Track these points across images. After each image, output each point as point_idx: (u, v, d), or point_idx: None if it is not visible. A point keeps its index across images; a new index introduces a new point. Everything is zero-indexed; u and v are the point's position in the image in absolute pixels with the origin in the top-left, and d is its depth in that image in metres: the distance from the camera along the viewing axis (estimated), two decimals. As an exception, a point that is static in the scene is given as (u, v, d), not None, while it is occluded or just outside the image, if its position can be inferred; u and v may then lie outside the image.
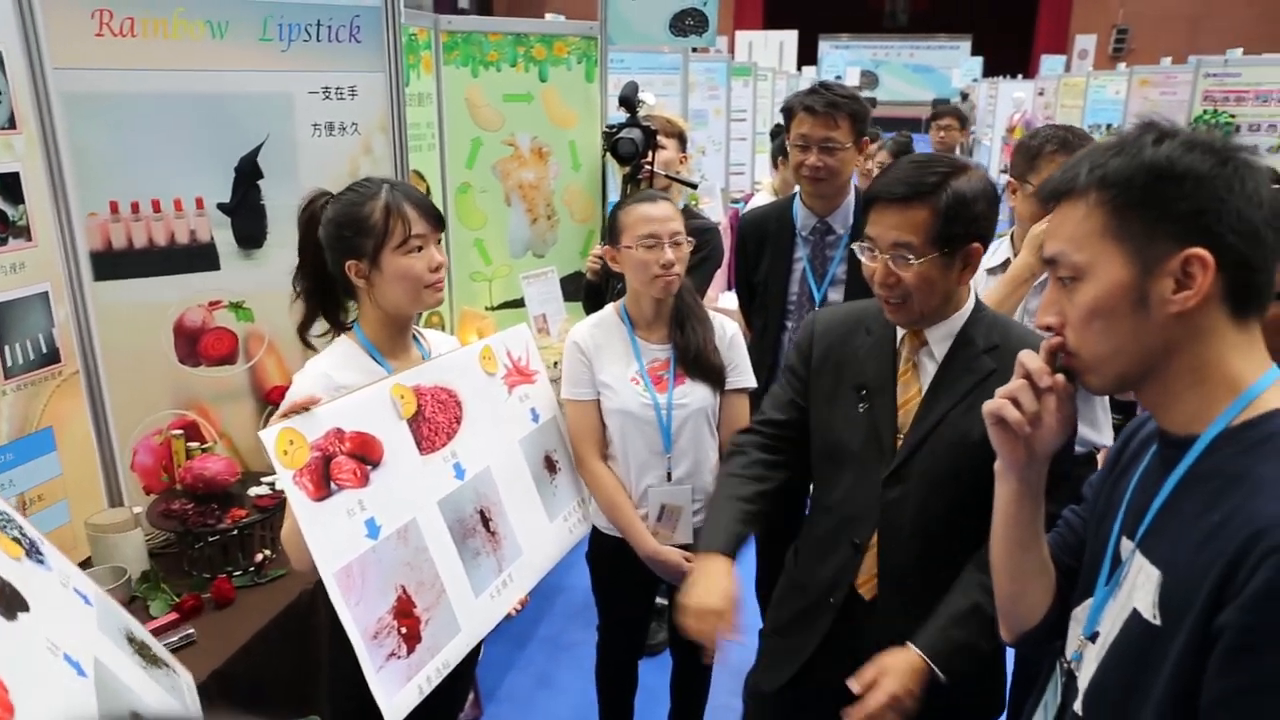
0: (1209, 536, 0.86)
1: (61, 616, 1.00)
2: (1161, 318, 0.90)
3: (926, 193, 1.42)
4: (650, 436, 1.99)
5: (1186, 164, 0.88)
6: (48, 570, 1.05)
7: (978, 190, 1.44)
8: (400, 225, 1.58)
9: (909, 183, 1.43)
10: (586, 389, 2.02)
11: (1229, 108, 5.85)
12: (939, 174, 1.43)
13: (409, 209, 1.59)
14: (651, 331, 2.01)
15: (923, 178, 1.43)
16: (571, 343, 2.04)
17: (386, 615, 1.48)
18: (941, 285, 1.46)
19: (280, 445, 1.36)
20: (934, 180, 1.42)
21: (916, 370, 1.55)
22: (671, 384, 1.98)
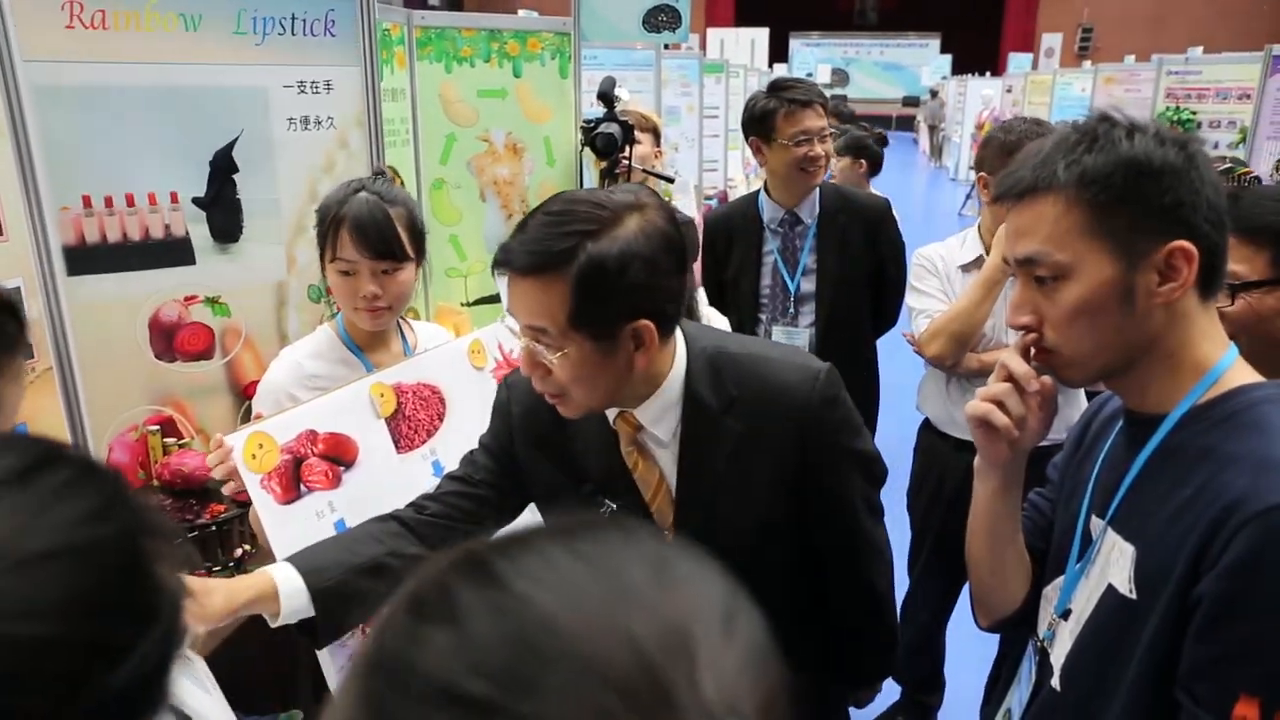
0: (1181, 510, 0.89)
1: None
2: (1145, 310, 0.92)
3: (554, 262, 1.05)
4: None
5: (1162, 158, 0.90)
6: None
7: (627, 252, 1.06)
8: (331, 243, 1.57)
9: (533, 251, 1.07)
10: None
11: (1190, 104, 5.97)
12: (574, 235, 1.06)
13: (345, 231, 1.55)
14: None
15: (551, 243, 1.06)
16: None
17: None
18: (608, 373, 1.13)
19: (249, 449, 1.36)
20: (567, 246, 1.05)
21: (648, 459, 1.25)
22: None
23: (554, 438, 1.29)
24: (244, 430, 1.38)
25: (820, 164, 2.35)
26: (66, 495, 0.52)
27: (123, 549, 0.53)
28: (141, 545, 0.54)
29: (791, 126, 2.33)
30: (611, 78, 2.86)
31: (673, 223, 1.13)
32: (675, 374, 1.22)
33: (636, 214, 1.09)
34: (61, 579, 0.49)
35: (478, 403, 1.80)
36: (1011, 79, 12.61)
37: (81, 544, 0.51)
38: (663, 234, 1.10)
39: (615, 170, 2.70)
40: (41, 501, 0.51)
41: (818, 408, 1.22)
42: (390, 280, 1.59)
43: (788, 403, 1.21)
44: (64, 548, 0.50)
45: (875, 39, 26.13)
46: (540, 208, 1.13)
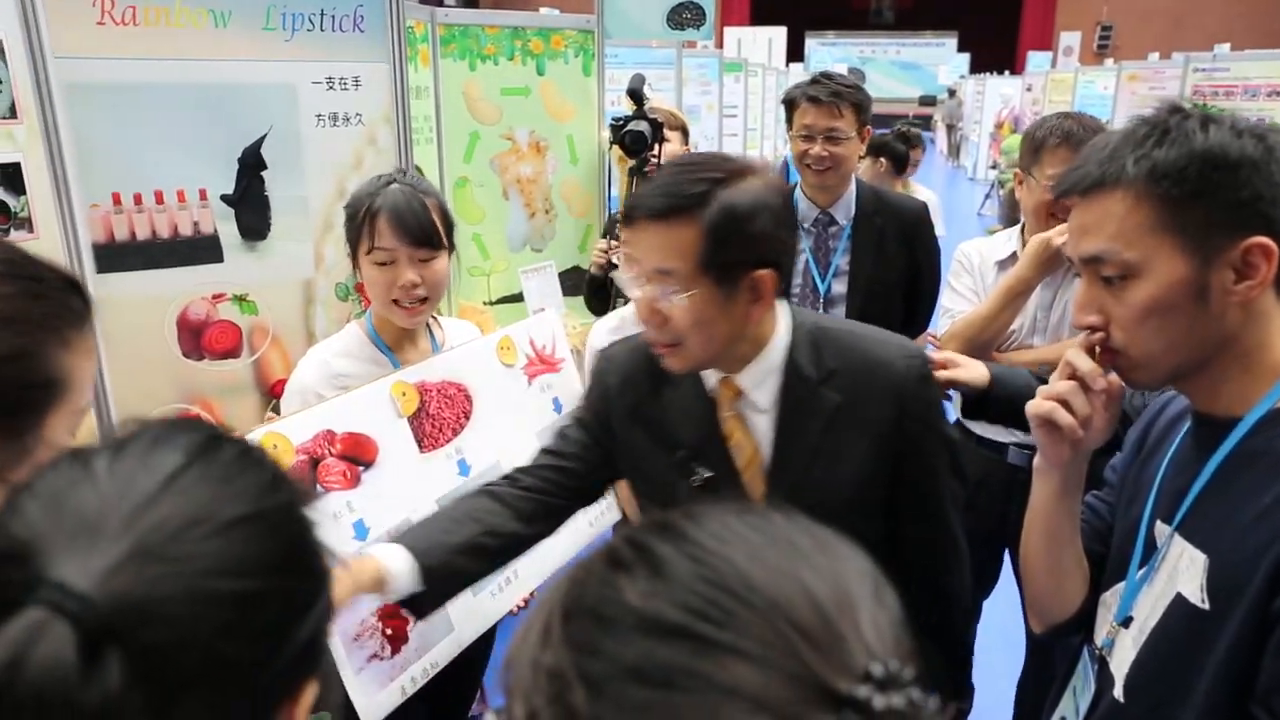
0: (1259, 519, 0.85)
1: None
2: (1220, 309, 0.88)
3: (689, 206, 1.10)
4: None
5: (1240, 150, 0.86)
6: None
7: (757, 201, 1.12)
8: (367, 235, 1.55)
9: (666, 193, 1.12)
10: None
11: (1217, 102, 5.89)
12: (706, 181, 1.12)
13: (382, 219, 1.54)
14: None
15: (684, 187, 1.11)
16: (590, 348, 2.00)
17: (370, 617, 1.45)
18: (722, 325, 1.15)
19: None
20: (699, 191, 1.11)
21: (746, 428, 1.26)
22: None
23: (650, 405, 1.31)
24: (258, 430, 1.36)
25: (823, 164, 2.27)
26: (244, 468, 0.57)
27: (295, 516, 0.59)
28: (306, 513, 0.61)
29: (801, 119, 2.31)
30: (641, 75, 2.83)
31: (777, 186, 1.19)
32: (778, 341, 1.24)
33: (758, 173, 1.16)
34: (257, 540, 0.55)
35: (504, 399, 1.78)
36: (1031, 77, 12.50)
37: (268, 510, 0.56)
38: (782, 192, 1.18)
39: (645, 169, 2.68)
40: (226, 473, 0.56)
41: (915, 384, 1.23)
42: (427, 269, 1.58)
43: (886, 377, 1.22)
44: (254, 513, 0.55)
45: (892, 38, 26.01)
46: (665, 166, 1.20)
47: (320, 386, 1.56)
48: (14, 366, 0.79)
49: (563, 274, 3.66)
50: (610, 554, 0.48)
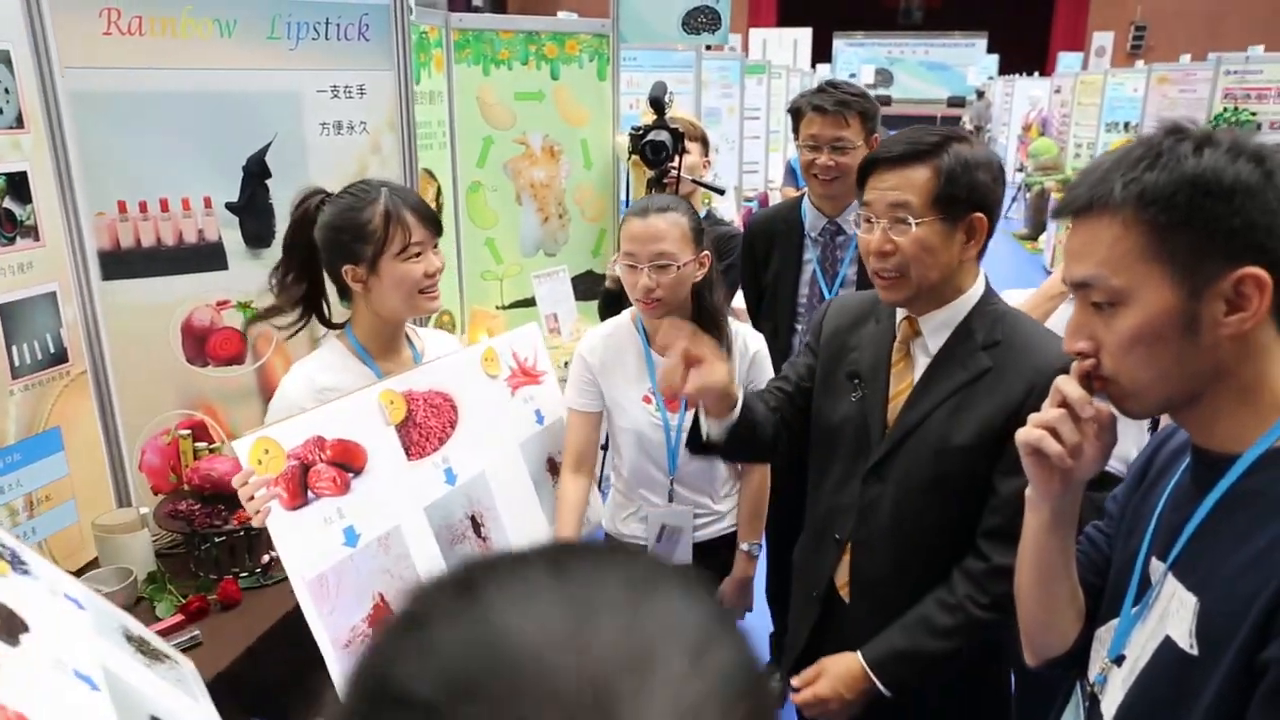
0: (1252, 563, 0.82)
1: (60, 629, 0.97)
2: (1211, 341, 0.84)
3: (926, 152, 1.36)
4: (657, 456, 1.93)
5: (1234, 175, 0.82)
6: (35, 580, 1.03)
7: (981, 158, 1.38)
8: (400, 232, 1.57)
9: (908, 142, 1.38)
10: (587, 400, 1.95)
11: (1250, 105, 5.77)
12: (940, 135, 1.38)
13: (408, 215, 1.58)
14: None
15: (922, 138, 1.38)
16: (578, 354, 1.96)
17: (361, 624, 1.45)
18: (942, 256, 1.37)
19: (254, 454, 1.35)
20: (934, 140, 1.37)
21: (910, 361, 1.47)
22: (684, 403, 1.90)
23: (846, 332, 1.57)
24: (250, 435, 1.37)
25: (830, 174, 2.24)
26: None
27: None
28: None
29: (806, 129, 2.28)
30: (663, 83, 2.79)
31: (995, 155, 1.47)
32: (968, 298, 1.43)
33: (976, 141, 1.42)
34: None
35: (488, 410, 1.77)
36: (1060, 79, 12.31)
37: None
38: (993, 156, 1.43)
39: (664, 179, 2.65)
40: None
41: (1054, 375, 1.25)
42: (438, 253, 1.63)
43: (1032, 358, 1.37)
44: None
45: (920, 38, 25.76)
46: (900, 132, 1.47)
47: (305, 401, 1.56)
48: None
49: (575, 279, 3.65)
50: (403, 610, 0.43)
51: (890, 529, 1.46)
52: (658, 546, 1.98)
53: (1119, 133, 8.08)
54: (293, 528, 1.37)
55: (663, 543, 1.98)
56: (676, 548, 1.98)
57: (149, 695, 1.05)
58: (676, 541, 1.98)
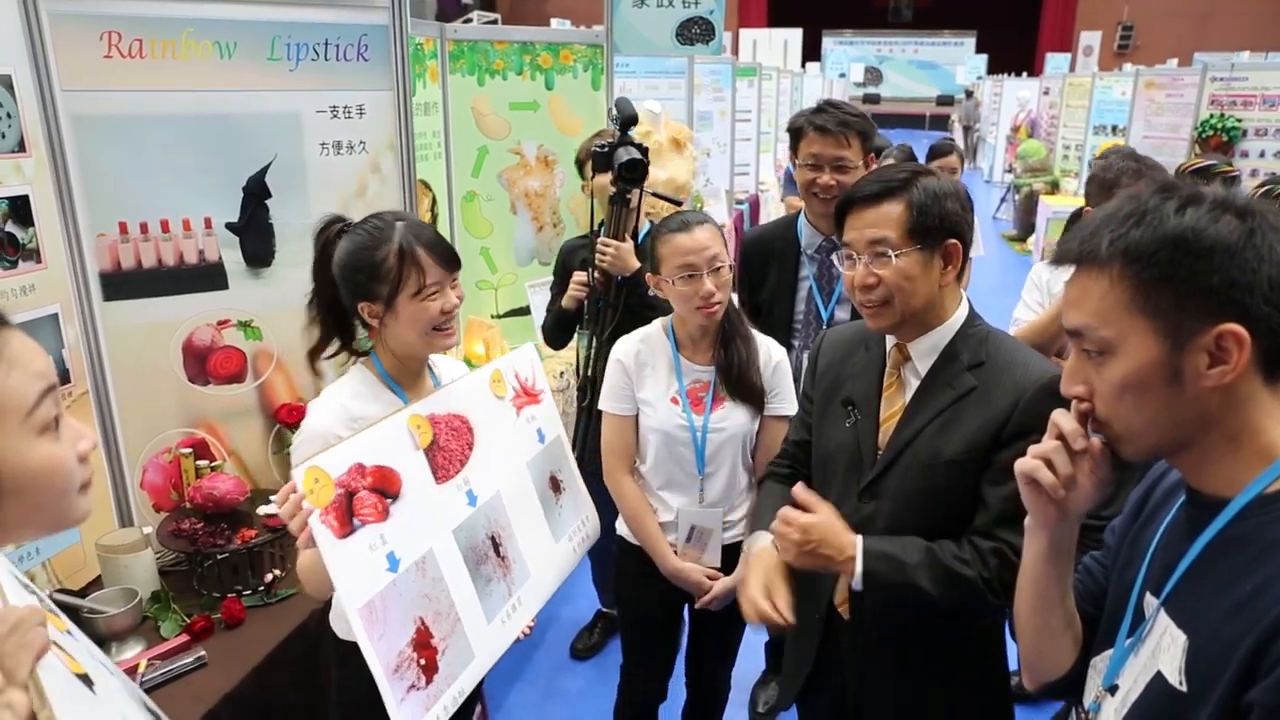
0: (1240, 606, 0.85)
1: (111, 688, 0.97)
2: (1196, 392, 0.87)
3: (897, 188, 1.44)
4: (684, 457, 1.99)
5: (1214, 235, 0.85)
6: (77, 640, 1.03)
7: (948, 189, 1.46)
8: (415, 273, 1.55)
9: (879, 180, 1.47)
10: (625, 404, 2.03)
11: (1235, 112, 5.83)
12: (908, 172, 1.47)
13: (424, 255, 1.56)
14: (697, 352, 2.00)
15: (892, 175, 1.46)
16: (615, 359, 2.04)
17: (406, 648, 1.47)
18: (922, 283, 1.45)
19: (306, 484, 1.35)
20: (904, 176, 1.45)
21: (901, 386, 1.54)
22: (709, 406, 1.98)
23: (840, 363, 1.65)
24: (302, 465, 1.38)
25: (830, 193, 2.24)
26: None
27: None
28: None
29: (807, 148, 2.29)
30: (626, 99, 2.70)
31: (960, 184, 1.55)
32: (952, 322, 1.51)
33: (937, 174, 1.49)
34: None
35: (499, 431, 1.79)
36: (1049, 81, 12.39)
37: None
38: (958, 185, 1.51)
39: (627, 198, 2.52)
40: None
41: (1037, 391, 1.40)
42: (456, 288, 1.63)
43: (1015, 376, 1.44)
44: None
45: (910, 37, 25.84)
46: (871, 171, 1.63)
47: (337, 428, 1.57)
48: None
49: (570, 288, 3.66)
50: None
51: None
52: (687, 546, 2.02)
53: (1106, 135, 8.14)
54: (343, 556, 1.38)
55: (692, 542, 2.02)
56: (706, 549, 2.02)
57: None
58: (706, 543, 2.03)
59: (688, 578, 2.01)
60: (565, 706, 2.90)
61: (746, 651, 2.80)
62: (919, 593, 1.42)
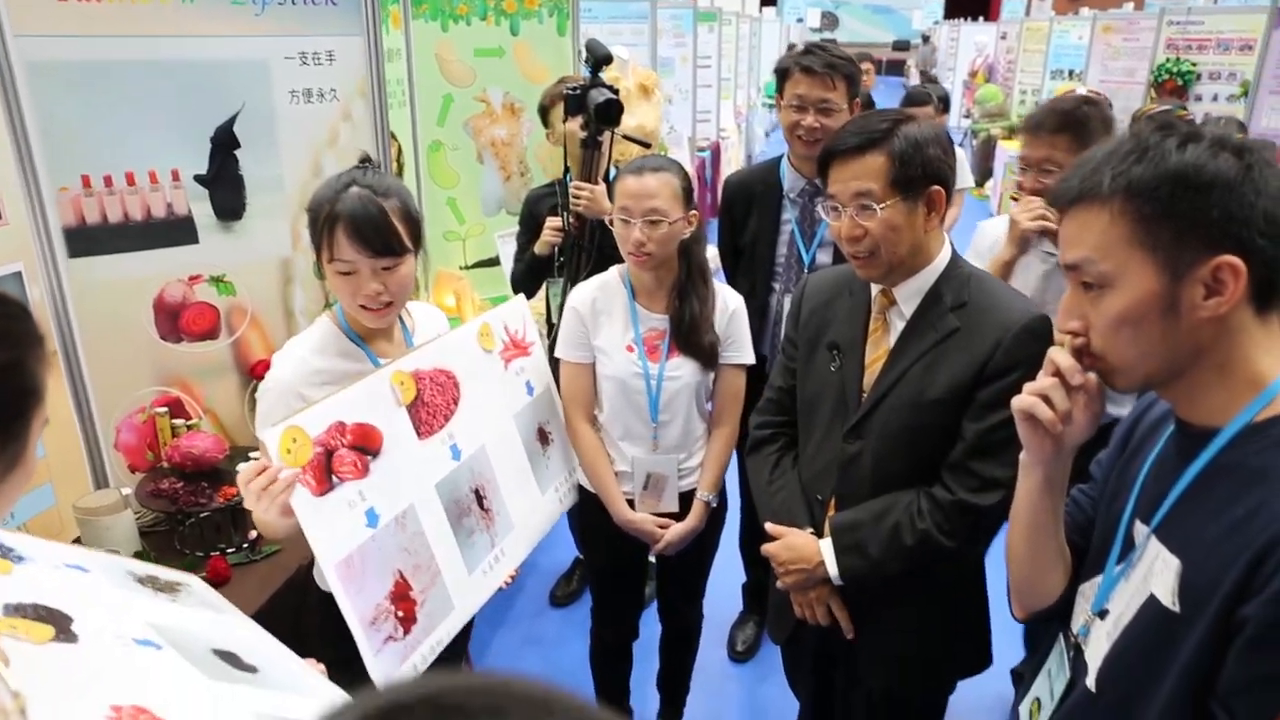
0: (1232, 530, 0.89)
1: (91, 603, 0.97)
2: (1191, 323, 0.90)
3: (879, 139, 1.44)
4: (639, 405, 1.99)
5: (1214, 170, 0.87)
6: (33, 562, 1.02)
7: (929, 134, 1.46)
8: (327, 243, 1.50)
9: (860, 133, 1.46)
10: (581, 352, 2.01)
11: (1191, 56, 5.90)
12: (889, 121, 1.46)
13: (340, 231, 1.48)
14: (653, 300, 1.98)
15: (873, 126, 1.45)
16: (571, 306, 2.01)
17: (384, 600, 1.48)
18: (908, 233, 1.46)
19: (284, 444, 1.34)
20: (885, 127, 1.44)
21: (886, 329, 1.56)
22: (665, 355, 1.97)
23: (823, 308, 1.66)
24: (279, 425, 1.37)
25: (814, 136, 2.24)
26: None
27: None
28: None
29: (793, 89, 2.28)
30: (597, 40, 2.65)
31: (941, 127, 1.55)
32: (936, 265, 1.52)
33: (922, 119, 1.50)
34: None
35: (486, 384, 1.79)
36: (1006, 25, 12.40)
37: None
38: (939, 129, 1.50)
39: (598, 141, 2.49)
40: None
41: (1019, 331, 1.44)
42: (391, 276, 1.53)
43: (997, 317, 1.46)
44: None
45: (866, -19, 25.61)
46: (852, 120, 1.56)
47: (299, 384, 1.55)
48: (11, 375, 0.86)
49: (540, 238, 3.62)
50: None
51: (870, 481, 1.55)
52: (644, 494, 2.04)
53: (1064, 80, 8.20)
54: (319, 513, 1.38)
55: (649, 490, 2.04)
56: (662, 496, 2.04)
57: (198, 631, 1.07)
58: (662, 490, 2.04)
59: (639, 527, 2.02)
60: (543, 652, 2.94)
61: (725, 593, 2.88)
62: (892, 575, 1.52)
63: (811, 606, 1.62)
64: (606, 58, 2.54)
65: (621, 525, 2.03)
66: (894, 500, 1.52)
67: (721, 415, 2.04)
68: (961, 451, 1.48)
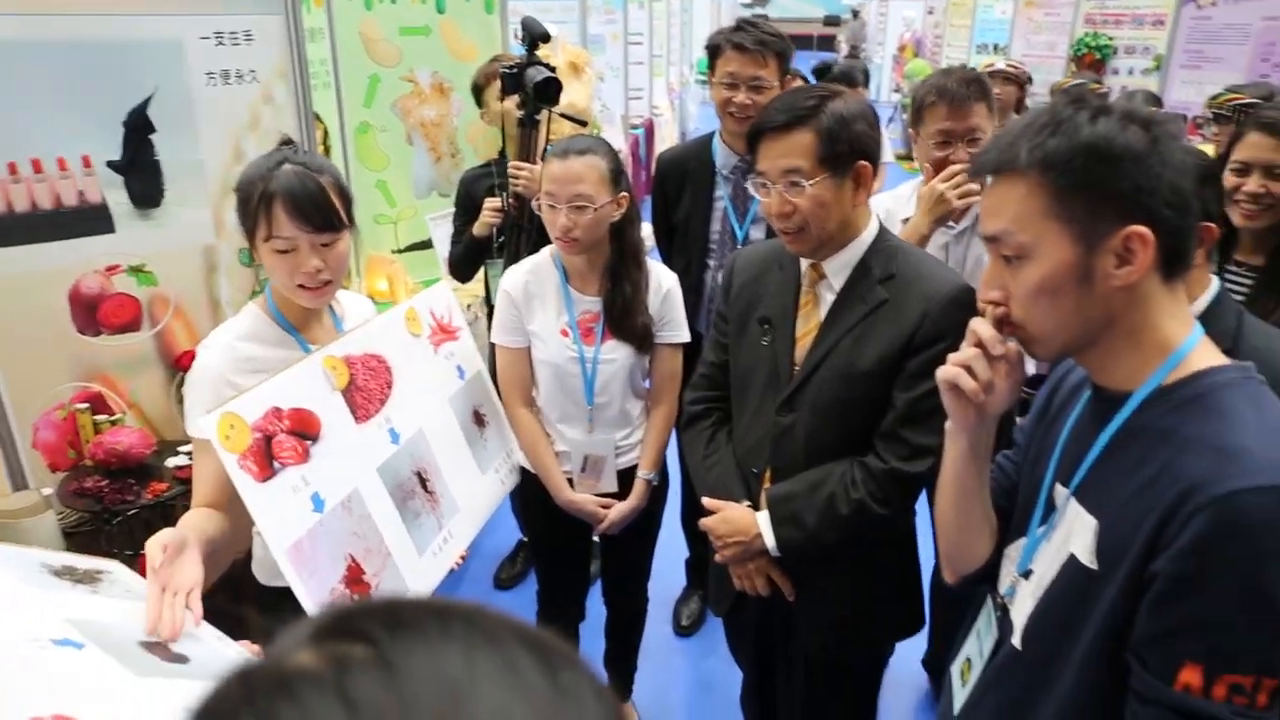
0: (1142, 489, 0.93)
1: (2, 609, 0.94)
2: (1104, 291, 0.93)
3: (806, 116, 1.45)
4: (574, 389, 1.98)
5: (1123, 142, 0.90)
6: None
7: (855, 110, 1.47)
8: (265, 221, 1.47)
9: (788, 110, 1.47)
10: (515, 336, 1.99)
11: (1108, 30, 6.07)
12: (816, 98, 1.47)
13: (279, 208, 1.45)
14: (586, 283, 1.97)
15: (800, 103, 1.47)
16: (503, 290, 1.99)
17: (339, 585, 1.47)
18: (836, 208, 1.49)
19: (222, 430, 1.32)
20: (811, 104, 1.46)
21: (817, 302, 1.58)
22: (599, 338, 1.96)
23: (753, 283, 1.67)
24: (215, 411, 1.34)
25: (746, 113, 2.24)
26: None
27: None
28: None
29: (724, 66, 2.28)
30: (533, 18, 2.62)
31: (866, 102, 1.58)
32: (864, 239, 1.55)
33: (848, 94, 1.51)
34: None
35: (417, 369, 1.78)
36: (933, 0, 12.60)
37: None
38: (865, 104, 1.53)
39: (535, 119, 2.50)
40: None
41: (944, 302, 1.47)
42: (330, 252, 1.51)
43: (924, 288, 1.49)
44: None
45: (795, -44, 25.70)
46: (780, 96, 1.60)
47: (229, 372, 1.52)
48: None
49: (473, 220, 3.57)
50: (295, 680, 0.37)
51: (804, 453, 1.57)
52: (582, 476, 2.04)
53: (989, 54, 8.36)
54: (266, 499, 1.36)
55: (587, 471, 2.04)
56: (601, 477, 2.05)
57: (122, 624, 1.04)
58: (600, 471, 2.05)
59: (582, 508, 2.03)
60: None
61: (669, 569, 2.91)
62: (828, 545, 1.55)
63: (751, 578, 1.64)
64: (544, 35, 2.52)
65: (563, 507, 2.03)
66: (828, 471, 1.55)
67: (659, 394, 2.05)
68: (892, 420, 1.51)
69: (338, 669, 0.36)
